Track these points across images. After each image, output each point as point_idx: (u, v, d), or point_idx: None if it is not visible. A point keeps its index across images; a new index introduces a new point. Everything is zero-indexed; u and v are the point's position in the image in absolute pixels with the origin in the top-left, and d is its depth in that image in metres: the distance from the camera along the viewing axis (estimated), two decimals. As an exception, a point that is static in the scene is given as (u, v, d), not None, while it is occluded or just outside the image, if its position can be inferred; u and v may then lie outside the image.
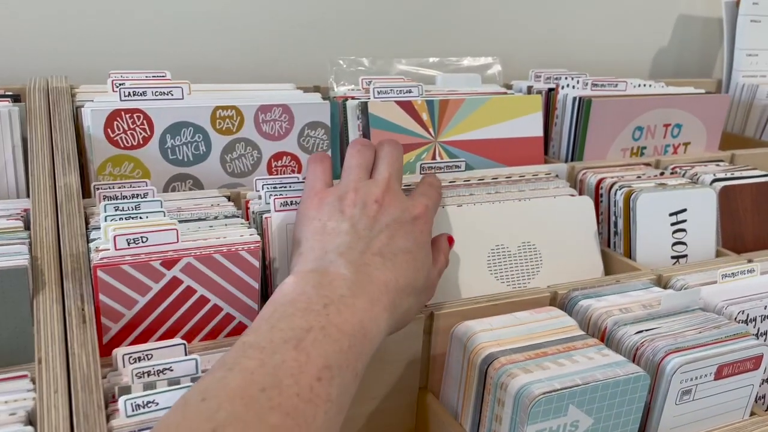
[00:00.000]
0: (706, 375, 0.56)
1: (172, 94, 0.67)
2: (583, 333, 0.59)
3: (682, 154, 0.93)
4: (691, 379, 0.56)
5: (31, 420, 0.43)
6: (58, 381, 0.44)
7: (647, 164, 0.88)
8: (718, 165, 0.91)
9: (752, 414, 0.61)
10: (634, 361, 0.57)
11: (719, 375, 0.57)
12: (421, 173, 0.75)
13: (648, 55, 1.17)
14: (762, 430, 0.59)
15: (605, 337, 0.61)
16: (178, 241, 0.51)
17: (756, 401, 0.67)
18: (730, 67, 1.11)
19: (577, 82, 0.89)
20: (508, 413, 0.51)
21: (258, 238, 0.54)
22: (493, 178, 0.79)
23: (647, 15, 1.16)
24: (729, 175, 0.85)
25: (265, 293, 0.60)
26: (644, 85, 0.94)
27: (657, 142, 0.91)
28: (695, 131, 0.93)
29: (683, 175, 0.86)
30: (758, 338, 0.65)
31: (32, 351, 0.47)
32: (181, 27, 0.89)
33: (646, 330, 0.59)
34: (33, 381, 0.47)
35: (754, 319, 0.66)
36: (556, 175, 0.82)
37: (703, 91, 0.95)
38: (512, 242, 0.73)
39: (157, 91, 0.66)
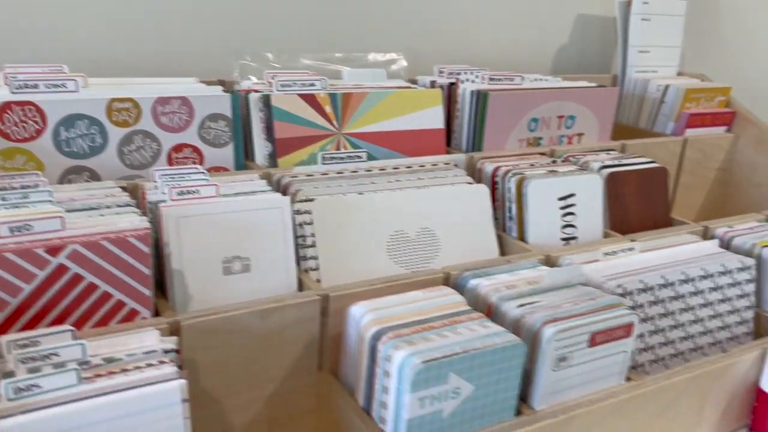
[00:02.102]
0: (580, 342, 0.60)
1: (65, 87, 0.67)
2: (469, 308, 0.62)
3: (576, 144, 0.99)
4: (566, 347, 0.60)
5: None
6: (-66, 368, 0.44)
7: (543, 154, 0.93)
8: (608, 153, 0.97)
9: (628, 379, 0.66)
10: (515, 332, 0.60)
11: (593, 342, 0.61)
12: (323, 163, 0.78)
13: (550, 52, 1.23)
14: (636, 394, 0.63)
15: (492, 312, 0.64)
16: (63, 229, 0.51)
17: (635, 369, 0.73)
18: (624, 63, 1.18)
19: (477, 76, 0.93)
20: (393, 383, 0.54)
21: (148, 224, 0.55)
22: (394, 168, 0.82)
23: (549, 14, 1.22)
24: (616, 162, 0.91)
25: (160, 280, 0.61)
26: (541, 80, 0.99)
27: (552, 133, 0.96)
28: (588, 122, 0.99)
29: (575, 164, 0.91)
30: (634, 309, 0.71)
31: None
32: (85, 24, 0.88)
33: (528, 303, 0.63)
34: None
35: (631, 293, 0.71)
36: (455, 165, 0.86)
37: (594, 84, 1.01)
38: (411, 228, 0.76)
39: (49, 84, 0.66)
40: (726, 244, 0.87)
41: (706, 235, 0.89)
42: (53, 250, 0.50)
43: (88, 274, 0.52)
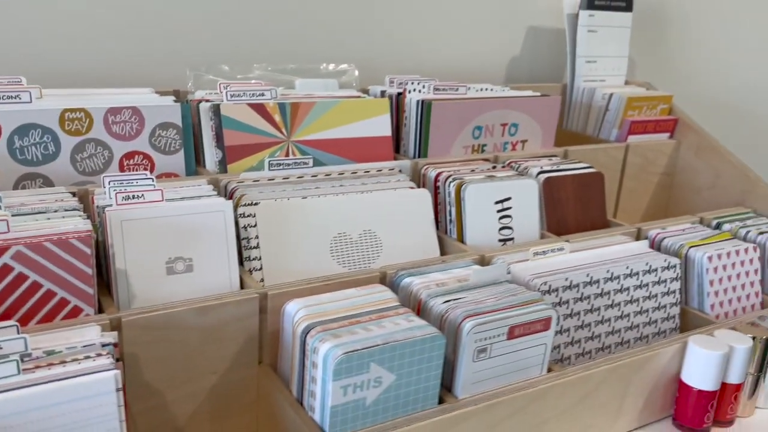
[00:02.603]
0: (499, 335, 0.65)
1: (20, 98, 0.71)
2: (398, 304, 0.67)
3: (520, 151, 1.04)
4: (485, 339, 0.64)
5: None
6: None
7: (486, 160, 0.98)
8: (550, 159, 1.02)
9: (550, 370, 0.71)
10: (440, 326, 0.65)
11: (511, 335, 0.66)
12: (270, 169, 0.82)
13: (503, 63, 1.28)
14: (555, 384, 0.68)
15: (420, 308, 0.69)
16: (8, 231, 0.55)
17: (562, 361, 0.77)
18: (573, 72, 1.24)
19: (423, 86, 0.98)
20: (320, 373, 0.58)
21: (89, 227, 0.59)
22: (339, 174, 0.86)
23: (502, 27, 1.27)
24: (554, 168, 0.96)
25: (107, 280, 0.65)
26: (487, 89, 1.04)
27: (496, 140, 1.01)
28: (531, 130, 1.04)
29: (516, 169, 0.96)
30: (559, 305, 0.76)
31: None
32: (47, 38, 0.92)
33: (453, 300, 0.68)
34: None
35: (557, 290, 0.76)
36: (400, 171, 0.90)
37: (537, 94, 1.06)
38: (354, 231, 0.81)
39: (4, 95, 0.70)
40: (657, 245, 0.92)
41: (640, 236, 0.94)
42: (-2, 251, 0.54)
43: (32, 274, 0.56)
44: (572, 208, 0.95)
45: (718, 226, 1.00)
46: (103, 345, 0.55)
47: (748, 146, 1.30)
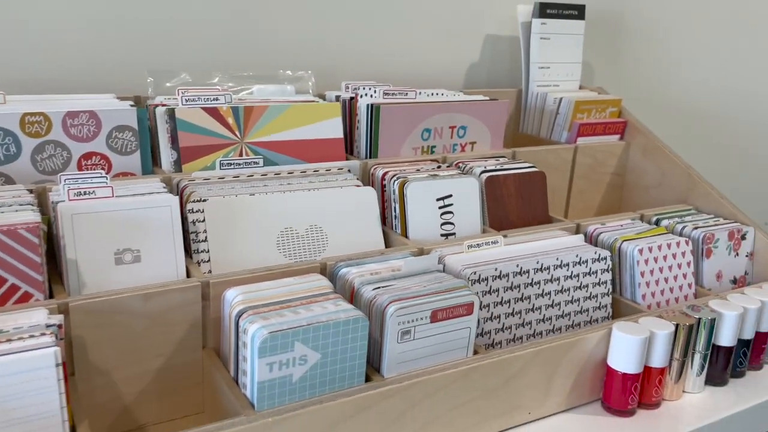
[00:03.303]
0: (422, 318, 0.70)
1: (-17, 103, 0.76)
2: (330, 291, 0.72)
3: (469, 152, 1.09)
4: (408, 322, 0.69)
5: None
6: None
7: (435, 160, 1.04)
8: (497, 160, 1.07)
9: (476, 352, 0.76)
10: (369, 311, 0.70)
11: (434, 318, 0.71)
12: (221, 168, 0.87)
13: (461, 71, 1.34)
14: (479, 365, 0.72)
15: (353, 295, 0.74)
16: (-38, 222, 0.60)
17: (493, 346, 0.82)
18: (527, 78, 1.29)
19: (375, 91, 1.03)
20: (249, 353, 0.63)
21: (38, 218, 0.64)
22: (288, 173, 0.92)
23: (460, 34, 1.33)
24: (498, 167, 1.01)
25: (58, 269, 0.70)
26: (436, 94, 1.10)
27: (445, 142, 1.06)
28: (479, 132, 1.09)
29: (462, 169, 1.01)
30: (491, 294, 0.81)
31: None
32: (13, 46, 0.97)
33: (383, 287, 0.73)
34: None
35: (486, 279, 0.81)
36: (349, 170, 0.95)
37: (486, 98, 1.12)
38: (300, 226, 0.86)
39: (-32, 100, 0.75)
40: (595, 240, 0.97)
41: (579, 231, 0.99)
42: (-49, 240, 0.60)
43: (-16, 261, 0.62)
44: (514, 206, 1.00)
45: (657, 222, 1.05)
46: (48, 326, 0.60)
47: (696, 146, 1.36)
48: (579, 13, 1.30)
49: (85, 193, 0.71)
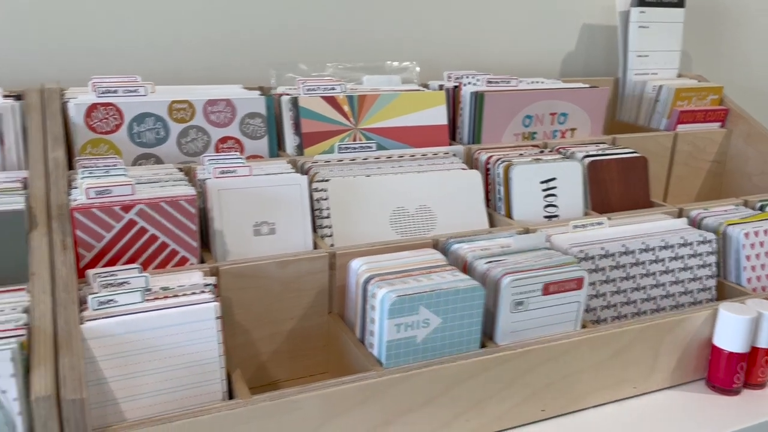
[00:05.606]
0: (534, 290, 0.74)
1: (138, 92, 0.86)
2: (446, 263, 0.77)
3: (569, 138, 1.12)
4: (522, 293, 0.74)
5: (27, 311, 0.62)
6: (45, 285, 0.63)
7: (536, 146, 1.07)
8: (598, 146, 1.09)
9: (583, 326, 0.79)
10: (482, 282, 0.75)
11: (546, 291, 0.75)
12: (339, 152, 0.94)
13: (558, 59, 1.36)
14: (587, 338, 0.76)
15: (466, 268, 0.79)
16: (134, 193, 0.70)
17: (599, 323, 0.85)
18: (625, 66, 1.30)
19: (477, 80, 1.08)
20: (377, 314, 0.70)
21: (194, 192, 0.73)
22: (399, 156, 0.98)
23: (557, 24, 1.36)
24: (600, 152, 1.04)
25: (206, 239, 0.79)
26: (537, 82, 1.13)
27: (546, 128, 1.10)
28: (580, 119, 1.12)
29: (564, 154, 1.04)
30: (597, 272, 0.84)
31: (29, 272, 0.65)
32: (157, 43, 1.08)
33: (495, 261, 0.77)
34: (29, 292, 0.65)
35: (593, 257, 0.84)
36: (454, 155, 1.01)
37: (586, 86, 1.14)
38: (411, 206, 0.92)
39: (126, 90, 0.86)
40: (698, 224, 0.98)
41: (680, 216, 1.00)
42: (126, 208, 0.69)
43: (151, 228, 0.71)
44: (616, 190, 1.02)
45: (761, 208, 1.04)
46: (206, 285, 0.69)
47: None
48: (679, 1, 1.30)
49: (227, 172, 0.79)
